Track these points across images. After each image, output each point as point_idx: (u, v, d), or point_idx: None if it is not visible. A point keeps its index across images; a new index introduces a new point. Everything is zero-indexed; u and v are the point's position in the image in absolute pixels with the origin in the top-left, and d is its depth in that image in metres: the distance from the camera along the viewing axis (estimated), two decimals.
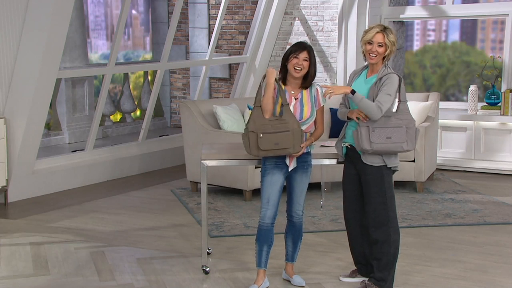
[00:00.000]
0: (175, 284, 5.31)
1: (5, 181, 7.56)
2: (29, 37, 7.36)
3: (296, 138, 4.96)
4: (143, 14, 13.16)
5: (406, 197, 7.77)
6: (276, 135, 4.95)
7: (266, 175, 5.05)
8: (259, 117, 4.99)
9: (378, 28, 4.95)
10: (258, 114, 4.99)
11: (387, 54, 4.97)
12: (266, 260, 5.12)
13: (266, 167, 5.07)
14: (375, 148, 4.90)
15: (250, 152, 5.03)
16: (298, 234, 5.27)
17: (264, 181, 5.06)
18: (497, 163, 8.91)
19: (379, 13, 9.81)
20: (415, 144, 5.00)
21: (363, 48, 5.01)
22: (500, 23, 11.44)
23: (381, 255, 5.03)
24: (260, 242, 5.11)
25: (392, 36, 4.95)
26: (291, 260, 5.31)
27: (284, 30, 10.27)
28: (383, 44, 4.94)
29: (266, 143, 4.95)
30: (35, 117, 7.64)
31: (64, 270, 5.64)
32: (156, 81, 9.51)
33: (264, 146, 4.96)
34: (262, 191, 5.08)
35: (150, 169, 9.38)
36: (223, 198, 7.82)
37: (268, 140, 4.95)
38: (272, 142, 4.95)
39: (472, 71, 11.44)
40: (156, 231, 6.67)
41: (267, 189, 5.05)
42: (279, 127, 4.94)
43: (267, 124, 4.96)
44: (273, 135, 4.95)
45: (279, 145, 4.95)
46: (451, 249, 6.08)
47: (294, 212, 5.24)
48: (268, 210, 5.07)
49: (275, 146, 4.95)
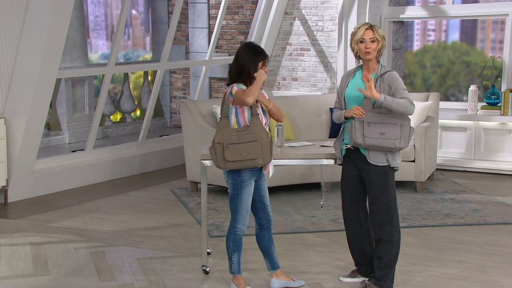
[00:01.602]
0: (175, 284, 5.31)
1: (5, 181, 7.56)
2: (29, 37, 7.36)
3: (265, 148, 4.86)
4: (143, 14, 13.16)
5: (406, 197, 7.77)
6: (243, 146, 4.84)
7: (244, 187, 4.94)
8: (225, 128, 4.89)
9: (366, 26, 5.01)
10: (225, 125, 4.89)
11: (379, 49, 5.01)
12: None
13: (243, 179, 4.93)
14: (368, 143, 4.92)
15: (217, 164, 4.92)
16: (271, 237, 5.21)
17: (242, 193, 4.94)
18: (497, 163, 8.91)
19: (379, 13, 9.81)
20: (408, 142, 5.01)
21: (355, 49, 5.04)
22: (500, 23, 11.44)
23: (383, 254, 5.03)
24: (238, 250, 5.06)
25: (380, 31, 5.02)
26: (279, 266, 5.22)
27: (284, 30, 10.27)
28: (375, 39, 4.99)
29: (233, 154, 4.84)
30: (35, 117, 7.64)
31: (64, 270, 5.64)
32: (156, 81, 9.51)
33: (231, 157, 4.85)
34: (241, 203, 4.96)
35: (150, 169, 9.38)
36: (223, 198, 7.82)
37: (235, 151, 4.84)
38: (239, 152, 4.84)
39: (472, 71, 11.44)
40: (156, 231, 6.67)
41: (247, 200, 4.96)
42: (246, 137, 4.84)
43: (233, 135, 4.86)
44: (240, 145, 4.84)
45: (246, 156, 4.84)
46: (451, 249, 6.08)
47: (269, 217, 5.15)
48: (247, 219, 5.04)
49: (241, 156, 4.84)
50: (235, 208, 5.00)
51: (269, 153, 4.90)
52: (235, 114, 4.90)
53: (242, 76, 4.91)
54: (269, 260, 5.19)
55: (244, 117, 4.89)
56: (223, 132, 4.89)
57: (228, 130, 4.88)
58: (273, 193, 7.85)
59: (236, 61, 4.97)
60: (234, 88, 4.89)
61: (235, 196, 4.98)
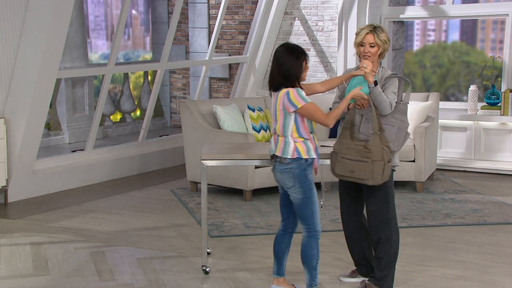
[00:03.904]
0: (175, 284, 5.31)
1: (5, 181, 7.56)
2: (29, 37, 7.36)
3: (375, 170, 4.76)
4: (143, 14, 13.17)
5: (406, 197, 7.77)
6: (355, 163, 4.79)
7: (313, 187, 4.78)
8: (345, 138, 4.83)
9: (368, 29, 4.97)
10: (346, 135, 4.83)
11: (381, 53, 4.99)
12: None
13: (310, 180, 4.75)
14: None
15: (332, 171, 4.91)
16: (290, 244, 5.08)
17: (313, 193, 4.76)
18: (497, 163, 8.91)
19: (379, 13, 9.81)
20: (400, 147, 4.99)
21: (357, 50, 5.03)
22: (500, 23, 11.45)
23: (382, 254, 5.03)
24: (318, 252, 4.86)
25: (383, 35, 4.95)
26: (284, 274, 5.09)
27: (284, 30, 10.27)
28: (375, 44, 4.96)
29: (342, 169, 4.82)
30: (35, 117, 7.64)
31: (64, 270, 5.63)
32: (156, 81, 9.52)
33: (339, 171, 4.83)
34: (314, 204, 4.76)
35: (150, 169, 9.38)
36: (223, 198, 7.82)
37: (345, 166, 4.81)
38: (348, 169, 4.80)
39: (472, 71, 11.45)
40: (156, 231, 6.67)
41: (317, 200, 4.81)
42: (361, 155, 4.76)
43: (351, 148, 4.80)
44: (352, 162, 4.79)
45: (355, 174, 4.79)
46: (451, 249, 6.08)
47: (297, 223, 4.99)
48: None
49: (350, 173, 4.80)
50: (310, 211, 4.78)
51: (380, 176, 4.78)
52: (294, 121, 4.73)
53: (291, 80, 4.73)
54: (278, 265, 5.02)
55: (305, 126, 4.74)
56: (343, 143, 4.82)
57: (348, 142, 4.80)
58: (273, 193, 7.85)
59: (280, 67, 4.72)
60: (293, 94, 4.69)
61: (308, 199, 4.76)
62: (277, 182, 4.88)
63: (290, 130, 4.74)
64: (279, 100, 4.74)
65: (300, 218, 4.84)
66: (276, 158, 4.81)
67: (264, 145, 6.12)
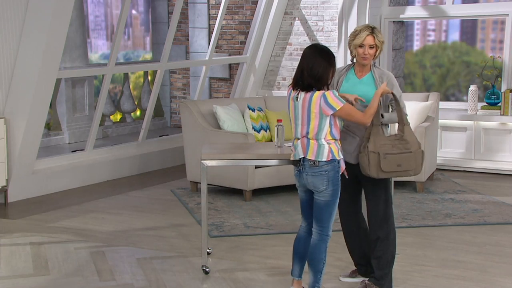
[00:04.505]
0: (175, 284, 5.31)
1: (5, 181, 7.56)
2: (29, 37, 7.36)
3: (417, 160, 4.80)
4: (143, 14, 13.17)
5: (406, 197, 7.76)
6: (400, 156, 4.79)
7: (339, 190, 4.74)
8: (378, 135, 4.80)
9: (367, 31, 4.96)
10: (377, 132, 4.81)
11: (378, 54, 5.02)
12: None
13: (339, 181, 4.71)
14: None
15: (369, 173, 4.80)
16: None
17: (338, 199, 4.73)
18: (497, 163, 8.91)
19: (379, 13, 9.81)
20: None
21: (353, 52, 5.02)
22: (500, 23, 11.45)
23: (381, 253, 5.04)
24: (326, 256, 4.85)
25: (380, 36, 5.00)
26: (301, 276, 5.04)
27: (284, 30, 10.27)
28: (374, 45, 4.97)
29: (389, 165, 4.78)
30: (35, 117, 7.64)
31: (64, 270, 5.63)
32: (156, 81, 9.52)
33: (387, 168, 4.79)
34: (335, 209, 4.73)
35: (150, 169, 9.38)
36: (223, 198, 7.82)
37: (391, 161, 4.78)
38: (395, 163, 4.78)
39: (472, 71, 11.45)
40: (156, 231, 6.67)
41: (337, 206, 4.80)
42: (400, 148, 4.78)
43: (387, 143, 4.79)
44: (396, 156, 4.79)
45: (402, 167, 4.79)
46: (451, 249, 6.08)
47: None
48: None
49: (397, 167, 4.79)
50: (329, 215, 4.73)
51: (420, 165, 4.82)
52: (329, 124, 4.67)
53: (322, 83, 4.68)
54: (300, 266, 4.95)
55: (337, 127, 4.70)
56: (377, 141, 4.79)
57: (382, 139, 4.79)
58: (273, 193, 7.86)
59: (311, 69, 4.65)
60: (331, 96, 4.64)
61: (332, 203, 4.71)
62: (304, 185, 4.78)
63: (325, 132, 4.67)
64: (314, 104, 4.65)
65: (316, 220, 4.76)
66: (305, 162, 4.71)
67: (264, 145, 6.13)
